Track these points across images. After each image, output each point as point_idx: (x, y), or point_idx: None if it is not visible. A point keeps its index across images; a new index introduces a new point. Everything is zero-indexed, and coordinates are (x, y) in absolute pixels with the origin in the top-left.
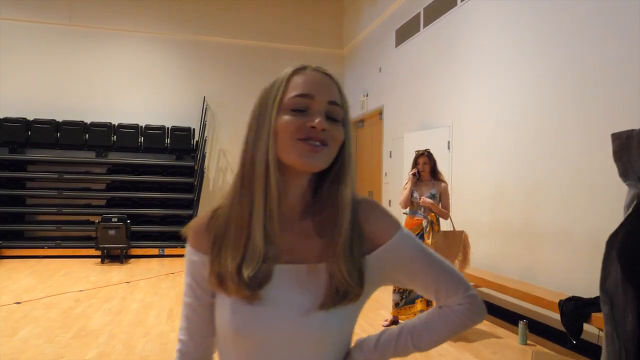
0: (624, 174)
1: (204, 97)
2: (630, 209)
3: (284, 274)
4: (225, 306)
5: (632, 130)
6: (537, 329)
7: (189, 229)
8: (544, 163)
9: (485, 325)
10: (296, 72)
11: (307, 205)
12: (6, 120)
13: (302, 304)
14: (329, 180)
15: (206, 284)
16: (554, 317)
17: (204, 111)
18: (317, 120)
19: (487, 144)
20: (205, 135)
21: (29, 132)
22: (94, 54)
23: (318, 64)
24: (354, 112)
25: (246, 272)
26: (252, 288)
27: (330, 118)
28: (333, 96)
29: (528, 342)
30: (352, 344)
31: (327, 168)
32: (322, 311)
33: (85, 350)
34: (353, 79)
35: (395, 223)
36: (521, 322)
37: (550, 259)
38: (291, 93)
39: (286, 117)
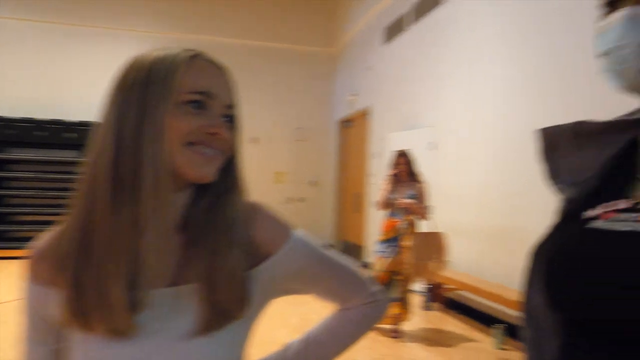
0: (554, 176)
1: None
2: (560, 216)
3: (160, 299)
4: (84, 348)
5: (561, 125)
6: (516, 333)
7: (27, 258)
8: (527, 166)
9: (463, 330)
10: (189, 59)
11: (186, 216)
12: None
13: (178, 330)
14: (217, 189)
15: (49, 324)
16: None
17: None
18: (219, 128)
19: (471, 146)
20: None
21: (10, 131)
22: (82, 53)
23: (309, 63)
24: (344, 112)
25: (130, 301)
26: (130, 319)
27: (227, 122)
28: (230, 97)
29: (505, 347)
30: None
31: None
32: (203, 337)
33: None
34: (343, 77)
35: (285, 229)
36: (495, 326)
37: None
38: (188, 85)
39: (178, 115)
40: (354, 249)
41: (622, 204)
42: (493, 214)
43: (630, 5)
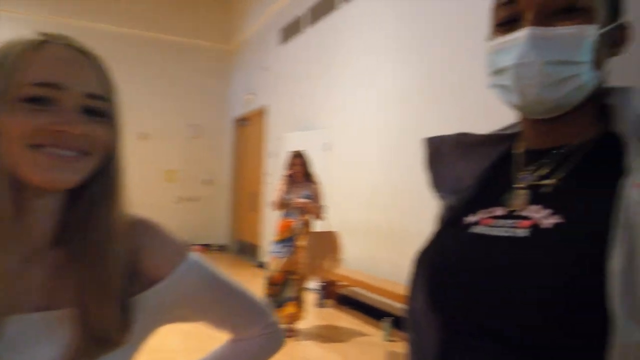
0: (437, 184)
1: None
2: (441, 223)
3: (23, 326)
4: None
5: (445, 136)
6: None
7: None
8: (416, 168)
9: (355, 325)
10: (36, 46)
11: (62, 228)
12: None
13: None
14: (89, 197)
15: None
16: None
17: None
18: (68, 124)
19: (364, 147)
20: None
21: None
22: None
23: (204, 59)
24: (240, 110)
25: None
26: None
27: (90, 114)
28: (93, 86)
29: (393, 338)
30: None
31: (89, 180)
32: None
33: None
34: (239, 75)
35: (179, 251)
36: (384, 319)
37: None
38: (29, 78)
39: (15, 113)
40: (249, 249)
41: (499, 211)
42: (383, 213)
43: (528, 25)
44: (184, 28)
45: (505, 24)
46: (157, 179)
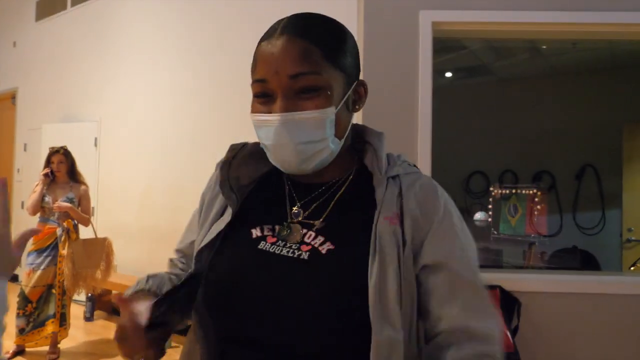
0: (221, 184)
1: None
2: (227, 227)
3: None
4: None
5: (246, 143)
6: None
7: None
8: (189, 167)
9: None
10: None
11: None
12: None
13: None
14: None
15: None
16: None
17: None
18: None
19: (138, 144)
20: None
21: None
22: None
23: None
24: None
25: None
26: None
27: None
28: None
29: (174, 344)
30: None
31: None
32: None
33: None
34: None
35: None
36: None
37: None
38: None
39: None
40: None
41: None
42: (160, 213)
43: (279, 110)
44: None
45: (261, 96)
46: None
